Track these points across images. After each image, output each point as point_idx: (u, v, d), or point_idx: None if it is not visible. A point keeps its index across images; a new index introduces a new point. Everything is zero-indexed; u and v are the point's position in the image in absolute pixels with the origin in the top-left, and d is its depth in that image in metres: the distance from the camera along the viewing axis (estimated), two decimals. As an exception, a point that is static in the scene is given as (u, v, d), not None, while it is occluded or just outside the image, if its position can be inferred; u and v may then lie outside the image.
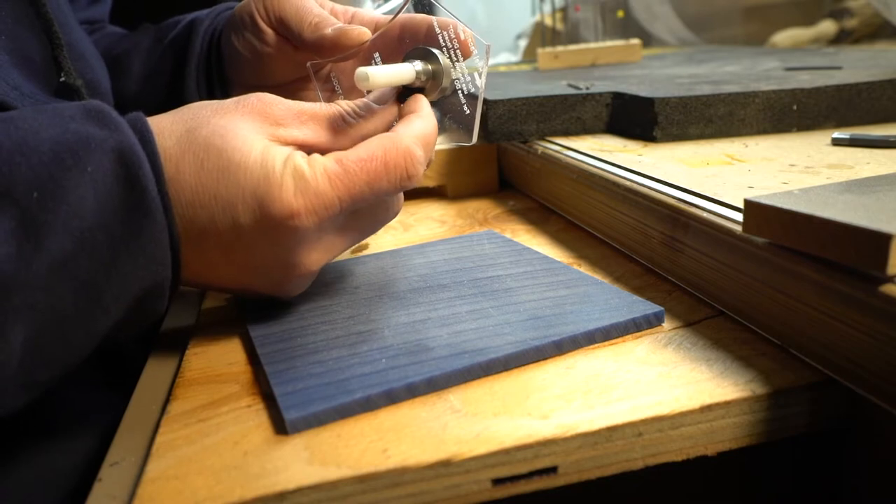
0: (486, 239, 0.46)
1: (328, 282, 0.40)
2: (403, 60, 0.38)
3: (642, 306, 0.34)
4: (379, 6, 0.61)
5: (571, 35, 1.03)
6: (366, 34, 0.41)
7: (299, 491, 0.24)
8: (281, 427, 0.27)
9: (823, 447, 0.30)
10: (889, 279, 0.24)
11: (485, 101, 0.56)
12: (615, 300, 0.35)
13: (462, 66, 0.39)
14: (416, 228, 0.52)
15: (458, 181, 0.62)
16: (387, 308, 0.36)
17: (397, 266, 0.42)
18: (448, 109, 0.40)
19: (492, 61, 1.25)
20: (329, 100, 0.43)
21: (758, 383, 0.28)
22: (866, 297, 0.25)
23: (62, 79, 0.43)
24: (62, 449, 0.36)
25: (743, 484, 0.32)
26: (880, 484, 0.28)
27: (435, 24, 0.39)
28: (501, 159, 0.63)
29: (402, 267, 0.42)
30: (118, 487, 0.27)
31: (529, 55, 1.24)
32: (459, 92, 0.39)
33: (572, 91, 0.58)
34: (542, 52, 0.91)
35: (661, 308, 0.34)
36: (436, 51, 0.38)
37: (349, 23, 0.44)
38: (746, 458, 0.29)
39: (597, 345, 0.32)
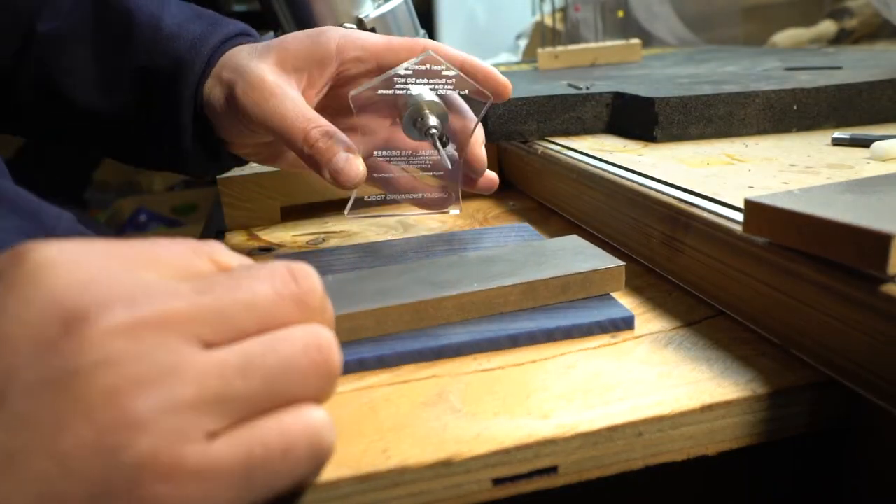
0: (515, 232, 0.46)
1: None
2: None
3: (612, 310, 0.34)
4: (379, 6, 0.61)
5: (571, 35, 1.03)
6: (362, 174, 0.39)
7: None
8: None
9: (823, 447, 0.30)
10: (889, 279, 0.24)
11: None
12: (592, 301, 0.35)
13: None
14: (416, 228, 0.52)
15: (458, 181, 0.62)
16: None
17: (415, 252, 0.43)
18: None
19: (492, 61, 1.25)
20: (368, 137, 0.44)
21: (758, 383, 0.28)
22: (866, 297, 0.25)
23: None
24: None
25: (743, 484, 0.32)
26: (880, 484, 0.28)
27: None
28: (501, 159, 0.63)
29: (423, 252, 0.43)
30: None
31: (529, 55, 1.24)
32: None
33: (572, 91, 0.58)
34: (542, 52, 0.91)
35: (631, 314, 0.33)
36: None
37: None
38: (746, 458, 0.29)
39: (597, 345, 0.32)
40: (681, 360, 0.30)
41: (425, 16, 1.85)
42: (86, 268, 0.20)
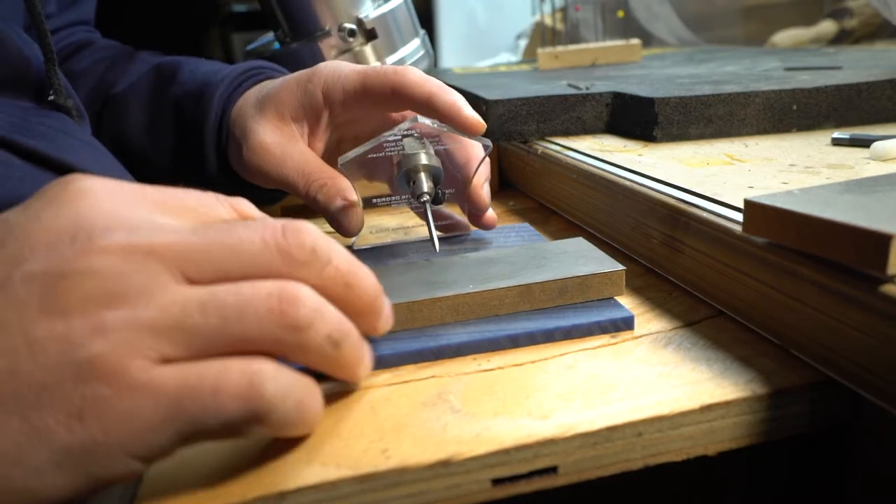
0: (515, 232, 0.46)
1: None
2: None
3: (612, 310, 0.34)
4: (378, 6, 0.61)
5: (571, 35, 1.03)
6: (358, 222, 0.42)
7: (299, 491, 0.24)
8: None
9: (823, 447, 0.30)
10: (889, 279, 0.24)
11: (486, 101, 0.56)
12: (592, 302, 0.34)
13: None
14: (417, 230, 0.52)
15: (458, 181, 0.62)
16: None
17: (415, 252, 0.44)
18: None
19: (492, 61, 1.25)
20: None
21: (758, 383, 0.28)
22: (866, 297, 0.25)
23: (51, 97, 0.39)
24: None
25: (743, 484, 0.32)
26: (880, 484, 0.28)
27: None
28: (501, 159, 0.63)
29: (423, 252, 0.43)
30: (118, 487, 0.26)
31: (529, 55, 1.24)
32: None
33: (572, 91, 0.58)
34: (542, 52, 0.91)
35: (631, 314, 0.33)
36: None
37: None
38: (746, 458, 0.29)
39: (597, 345, 0.32)
40: (680, 360, 0.30)
41: (425, 16, 1.85)
42: (112, 201, 0.24)
